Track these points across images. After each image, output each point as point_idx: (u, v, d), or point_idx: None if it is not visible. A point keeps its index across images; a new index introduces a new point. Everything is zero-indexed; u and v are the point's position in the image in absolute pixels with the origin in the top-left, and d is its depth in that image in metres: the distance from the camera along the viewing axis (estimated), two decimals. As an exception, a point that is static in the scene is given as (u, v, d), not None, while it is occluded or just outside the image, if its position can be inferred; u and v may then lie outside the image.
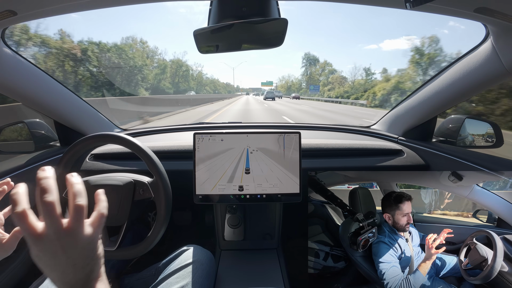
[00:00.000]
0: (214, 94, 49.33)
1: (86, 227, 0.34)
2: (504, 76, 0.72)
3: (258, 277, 0.88)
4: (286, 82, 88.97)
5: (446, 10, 0.59)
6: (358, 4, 0.62)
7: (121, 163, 0.98)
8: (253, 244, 1.07)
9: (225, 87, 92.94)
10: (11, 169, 0.86)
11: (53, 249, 0.31)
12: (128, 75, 24.93)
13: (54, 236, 0.31)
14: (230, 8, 0.62)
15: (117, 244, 0.70)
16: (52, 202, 0.31)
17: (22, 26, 13.07)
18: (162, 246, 0.84)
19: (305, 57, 73.60)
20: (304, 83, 73.81)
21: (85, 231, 0.33)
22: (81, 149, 0.73)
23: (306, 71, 72.79)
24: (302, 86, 74.23)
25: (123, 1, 0.61)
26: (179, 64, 44.53)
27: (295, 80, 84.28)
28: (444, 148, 0.96)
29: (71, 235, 0.32)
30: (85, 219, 0.34)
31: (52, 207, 0.31)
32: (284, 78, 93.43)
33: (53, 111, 0.98)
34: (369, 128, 1.33)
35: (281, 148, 0.82)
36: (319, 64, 67.96)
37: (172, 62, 43.91)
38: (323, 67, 66.08)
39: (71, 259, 0.32)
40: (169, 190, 0.72)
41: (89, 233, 0.34)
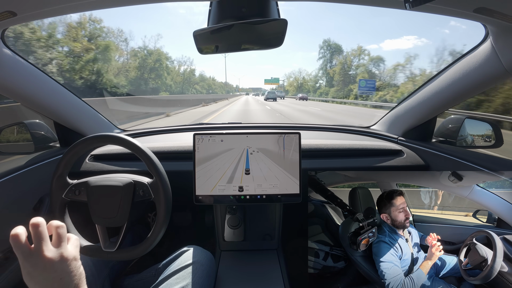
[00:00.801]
0: (204, 95, 38.42)
1: (70, 247, 0.41)
2: (504, 76, 0.72)
3: (258, 277, 0.88)
4: (296, 80, 67.23)
5: (445, 10, 0.59)
6: (358, 4, 0.62)
7: (121, 164, 0.98)
8: (253, 244, 1.07)
9: (223, 87, 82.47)
10: (11, 170, 0.86)
11: (42, 264, 0.37)
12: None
13: (43, 253, 0.37)
14: (229, 8, 0.62)
15: (117, 245, 0.70)
16: (40, 229, 0.38)
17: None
18: (162, 247, 0.84)
19: (325, 45, 52.08)
20: (322, 79, 54.37)
21: (69, 250, 0.41)
22: (81, 150, 0.73)
23: (325, 63, 51.95)
24: (319, 84, 55.22)
25: (123, 2, 0.61)
26: (149, 53, 31.74)
27: (308, 76, 63.60)
28: (444, 148, 0.96)
29: (57, 252, 0.39)
30: (66, 241, 0.42)
31: (41, 231, 0.38)
32: (293, 74, 70.96)
33: (53, 112, 0.98)
34: (369, 128, 1.33)
35: (281, 148, 0.82)
36: (351, 52, 45.01)
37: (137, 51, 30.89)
38: (357, 55, 43.29)
39: (58, 273, 0.38)
40: (169, 191, 0.72)
41: (71, 251, 0.41)
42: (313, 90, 54.50)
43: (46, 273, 0.37)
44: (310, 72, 77.46)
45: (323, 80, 54.35)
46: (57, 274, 0.38)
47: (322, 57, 53.29)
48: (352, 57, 44.50)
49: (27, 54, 13.92)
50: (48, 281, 0.37)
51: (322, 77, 54.76)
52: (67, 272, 0.39)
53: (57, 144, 1.09)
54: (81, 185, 0.71)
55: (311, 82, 59.88)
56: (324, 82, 53.31)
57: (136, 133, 1.27)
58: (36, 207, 0.91)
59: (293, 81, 68.16)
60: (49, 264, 0.37)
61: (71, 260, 0.40)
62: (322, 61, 53.58)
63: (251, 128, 1.25)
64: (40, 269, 0.37)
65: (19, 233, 0.37)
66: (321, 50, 53.20)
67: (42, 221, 0.39)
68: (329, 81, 49.21)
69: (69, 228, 0.71)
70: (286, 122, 1.56)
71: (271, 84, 71.76)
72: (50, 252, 0.38)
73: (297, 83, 65.98)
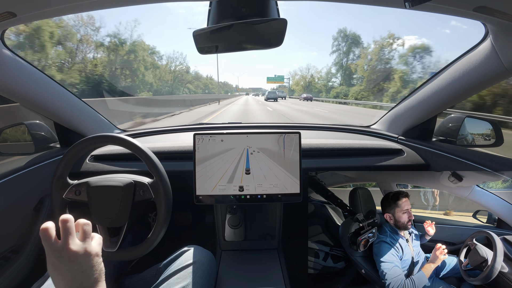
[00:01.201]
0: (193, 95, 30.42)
1: (93, 243, 0.45)
2: (504, 75, 0.72)
3: (259, 277, 0.89)
4: (303, 78, 55.25)
5: (445, 10, 0.59)
6: (358, 4, 0.62)
7: (121, 164, 0.98)
8: (253, 244, 1.07)
9: (222, 87, 78.25)
10: (11, 171, 0.86)
11: (67, 257, 0.40)
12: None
13: (69, 246, 0.41)
14: (229, 8, 0.62)
15: (117, 245, 0.70)
16: (69, 224, 0.42)
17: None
18: (162, 247, 0.84)
19: (340, 36, 40.89)
20: (337, 77, 42.61)
21: (92, 246, 0.44)
22: (81, 150, 0.73)
23: (341, 58, 40.94)
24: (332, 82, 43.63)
25: (123, 2, 0.60)
26: (120, 42, 23.27)
27: (318, 74, 51.08)
28: (444, 147, 0.96)
29: (82, 247, 0.42)
30: (91, 238, 0.45)
31: (69, 227, 0.42)
32: (300, 71, 58.75)
33: (53, 113, 0.98)
34: (369, 127, 1.33)
35: (281, 148, 0.82)
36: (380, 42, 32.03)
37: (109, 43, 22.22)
38: (389, 45, 31.05)
39: (80, 266, 0.41)
40: (169, 191, 0.72)
41: (94, 247, 0.44)
42: (327, 89, 43.45)
43: (70, 265, 0.40)
44: (320, 69, 68.23)
45: (337, 77, 42.81)
46: (79, 267, 0.41)
47: (336, 51, 41.47)
48: (381, 48, 31.87)
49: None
50: (70, 272, 0.40)
51: (336, 74, 43.15)
52: (89, 266, 0.42)
53: (57, 144, 1.09)
54: (82, 185, 0.72)
55: (321, 81, 47.99)
56: (339, 79, 42.00)
57: (136, 133, 1.27)
58: (37, 207, 0.91)
59: (300, 79, 56.59)
60: (73, 257, 0.41)
61: (93, 255, 0.43)
62: (336, 55, 41.86)
63: (251, 128, 1.25)
64: (64, 261, 0.40)
65: (49, 227, 0.40)
66: (335, 43, 41.54)
67: (70, 218, 0.42)
68: (347, 79, 39.04)
69: None
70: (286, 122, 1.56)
71: (275, 82, 61.72)
72: (75, 246, 0.41)
73: (304, 81, 54.52)
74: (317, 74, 51.87)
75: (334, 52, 42.30)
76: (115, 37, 23.60)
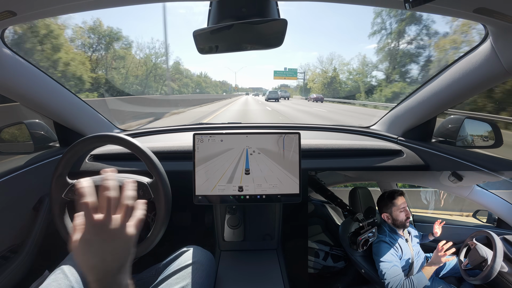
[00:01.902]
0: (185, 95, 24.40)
1: (131, 225, 0.42)
2: (503, 76, 0.72)
3: (258, 277, 0.88)
4: (324, 72, 35.96)
5: (445, 11, 0.59)
6: (358, 5, 0.62)
7: (121, 164, 0.98)
8: (253, 244, 1.07)
9: (220, 86, 71.69)
10: (11, 170, 0.85)
11: (104, 235, 0.39)
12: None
13: (110, 223, 0.39)
14: (229, 8, 0.62)
15: None
16: (110, 198, 0.40)
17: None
18: (162, 247, 0.84)
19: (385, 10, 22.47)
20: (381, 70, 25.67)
21: (129, 227, 0.42)
22: (81, 149, 0.73)
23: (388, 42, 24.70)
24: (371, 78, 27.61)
25: (123, 2, 0.61)
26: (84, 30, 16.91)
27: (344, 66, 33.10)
28: (444, 148, 0.96)
29: (121, 227, 0.40)
30: (131, 219, 0.43)
31: (110, 203, 0.40)
32: (320, 63, 38.42)
33: (53, 112, 0.98)
34: (369, 128, 1.33)
35: (281, 148, 0.82)
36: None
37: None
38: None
39: (113, 247, 0.39)
40: (168, 191, 0.72)
41: (132, 230, 0.42)
42: (365, 88, 26.67)
43: (106, 244, 0.39)
44: (349, 60, 46.12)
45: (383, 71, 25.84)
46: (113, 249, 0.39)
47: (379, 31, 25.47)
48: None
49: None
50: (103, 253, 0.38)
51: (379, 64, 26.59)
52: (123, 249, 0.40)
53: (56, 144, 1.09)
54: None
55: (354, 74, 30.50)
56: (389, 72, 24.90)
57: (136, 133, 1.27)
58: (36, 207, 0.91)
59: (321, 73, 36.85)
60: (111, 236, 0.39)
61: (129, 238, 0.41)
62: (379, 38, 25.94)
63: (251, 128, 1.25)
64: (99, 237, 0.39)
65: (92, 201, 0.39)
66: (376, 20, 25.51)
67: (117, 196, 0.41)
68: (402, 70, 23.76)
69: (68, 228, 0.71)
70: (286, 122, 1.56)
71: (284, 78, 43.94)
72: (115, 225, 0.40)
73: (325, 77, 35.37)
74: (343, 66, 33.83)
75: (374, 34, 25.90)
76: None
